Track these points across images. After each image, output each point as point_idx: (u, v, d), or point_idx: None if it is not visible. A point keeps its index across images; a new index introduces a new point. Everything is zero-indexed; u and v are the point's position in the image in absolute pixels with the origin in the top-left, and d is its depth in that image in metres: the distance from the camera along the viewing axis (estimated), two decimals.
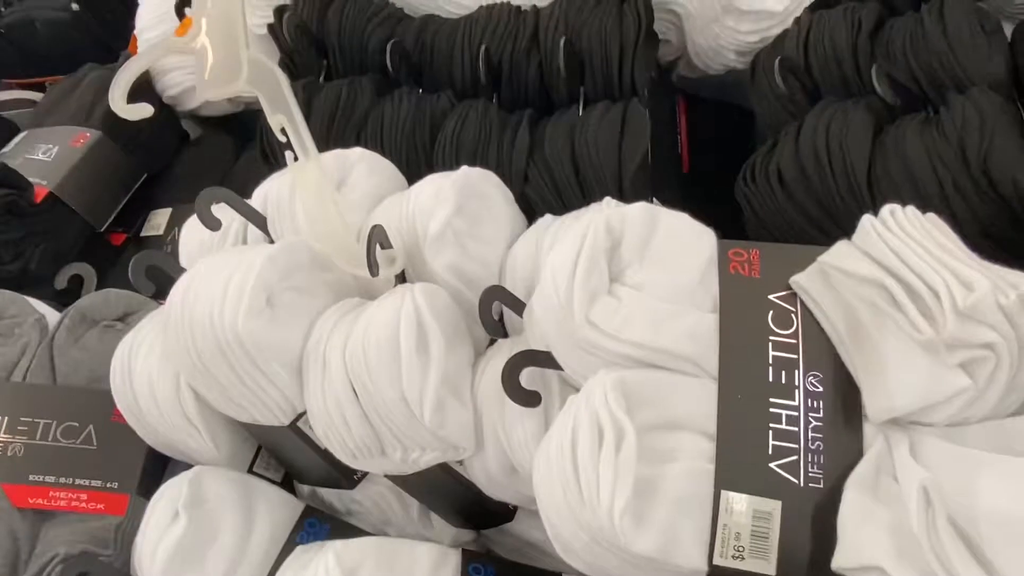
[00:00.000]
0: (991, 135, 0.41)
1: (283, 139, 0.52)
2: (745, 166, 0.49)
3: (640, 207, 0.37)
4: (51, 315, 0.57)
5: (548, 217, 0.44)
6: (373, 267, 0.41)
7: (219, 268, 0.45)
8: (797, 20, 0.51)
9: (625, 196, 0.48)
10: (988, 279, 0.32)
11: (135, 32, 0.75)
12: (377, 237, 0.42)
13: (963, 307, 0.32)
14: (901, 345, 0.33)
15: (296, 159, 0.53)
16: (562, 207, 0.49)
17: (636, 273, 0.36)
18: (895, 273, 0.34)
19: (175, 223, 0.70)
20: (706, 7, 0.55)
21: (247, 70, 0.53)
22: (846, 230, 0.45)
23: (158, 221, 0.71)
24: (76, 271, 0.59)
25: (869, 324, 0.35)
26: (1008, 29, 0.53)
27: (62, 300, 0.60)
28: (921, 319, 0.32)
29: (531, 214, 0.46)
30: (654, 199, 0.53)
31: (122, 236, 0.72)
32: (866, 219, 0.37)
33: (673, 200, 0.57)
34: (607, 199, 0.41)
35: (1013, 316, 0.32)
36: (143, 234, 0.71)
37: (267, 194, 0.51)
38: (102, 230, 0.69)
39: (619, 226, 0.36)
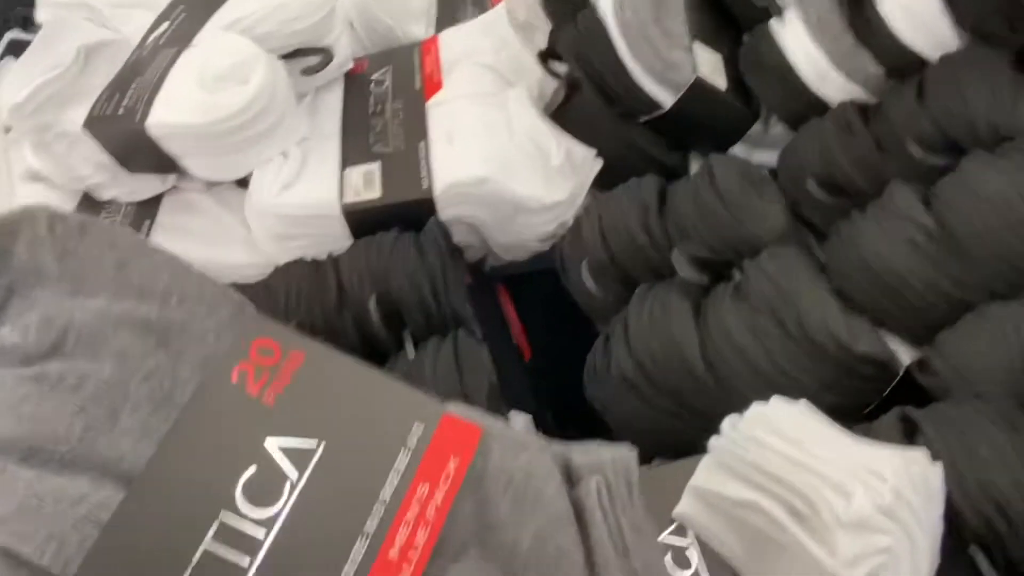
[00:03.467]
0: (795, 299, 0.43)
1: None
2: (587, 369, 0.49)
3: None
4: None
5: None
6: None
7: None
8: (586, 210, 0.53)
9: None
10: (859, 480, 0.33)
11: None
12: None
13: (846, 520, 0.32)
14: (803, 570, 0.33)
15: None
16: None
17: None
18: (766, 489, 0.34)
19: None
20: (497, 213, 0.55)
21: None
22: (699, 415, 0.46)
23: None
24: None
25: (767, 548, 0.35)
26: (769, 157, 0.57)
27: None
28: (814, 546, 0.32)
29: None
30: (508, 413, 0.52)
31: None
32: (713, 441, 0.37)
33: (526, 402, 0.56)
34: None
35: (895, 513, 0.32)
36: None
37: None
38: None
39: None
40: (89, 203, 0.64)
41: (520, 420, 0.53)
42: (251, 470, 0.22)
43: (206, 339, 0.24)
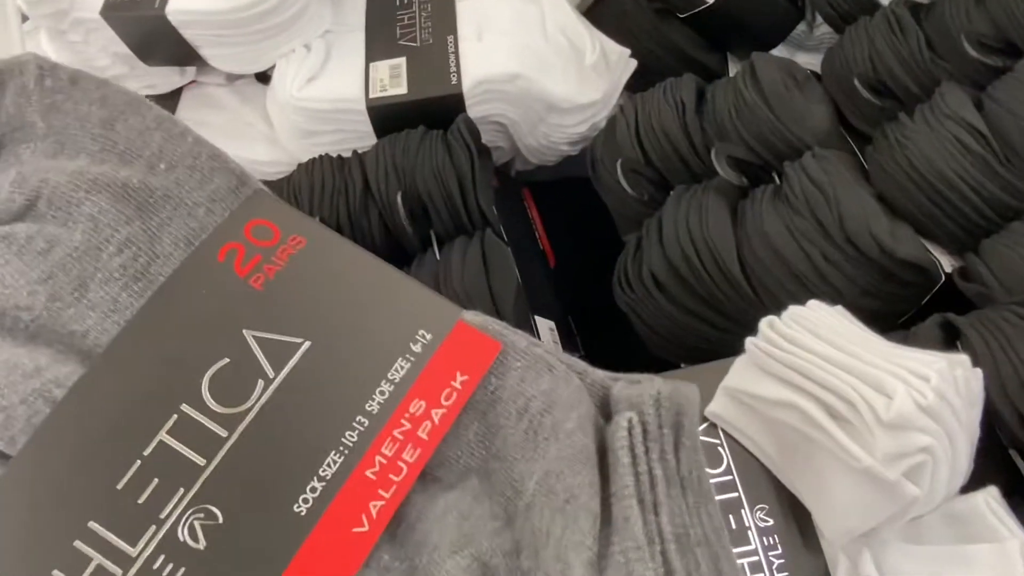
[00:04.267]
0: (837, 202, 0.41)
1: None
2: (616, 272, 0.48)
3: None
4: None
5: None
6: None
7: None
8: (621, 108, 0.51)
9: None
10: (900, 381, 0.32)
11: None
12: None
13: (887, 420, 0.31)
14: (840, 467, 0.33)
15: None
16: None
17: None
18: (804, 390, 0.34)
19: None
20: (528, 112, 0.53)
21: None
22: (733, 320, 0.45)
23: None
24: None
25: (799, 447, 0.34)
26: (810, 60, 0.54)
27: None
28: (852, 444, 0.32)
29: None
30: (535, 318, 0.51)
31: None
32: (749, 341, 0.36)
33: (551, 308, 0.55)
34: None
35: (936, 413, 0.32)
36: None
37: None
38: None
39: None
40: None
41: (544, 326, 0.52)
42: (224, 361, 0.20)
43: (195, 212, 0.22)
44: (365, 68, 0.54)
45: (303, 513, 0.19)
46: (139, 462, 0.19)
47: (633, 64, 0.54)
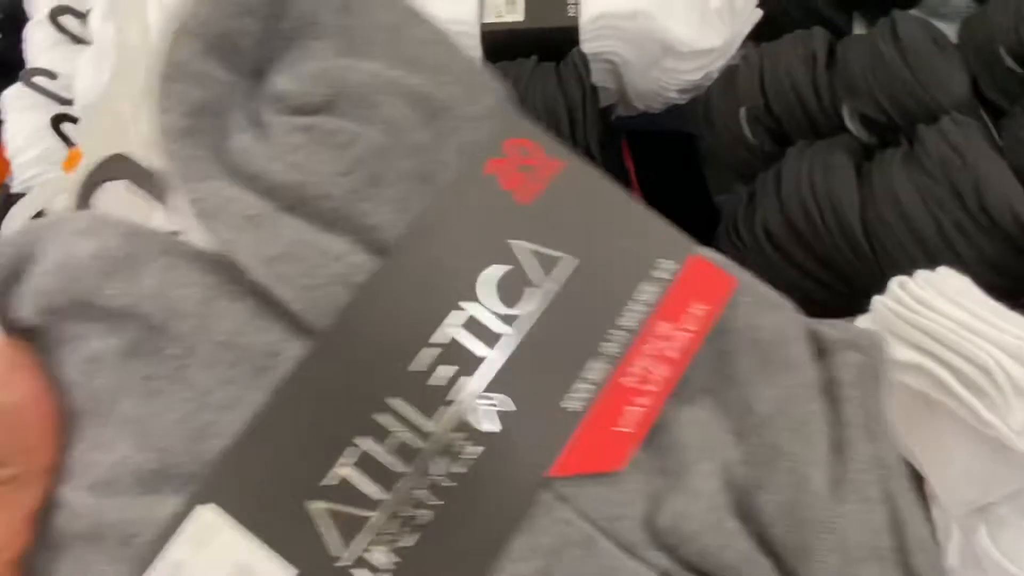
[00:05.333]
0: (975, 169, 0.40)
1: None
2: (725, 222, 0.47)
3: None
4: None
5: None
6: None
7: None
8: (745, 58, 0.49)
9: None
10: None
11: (7, 156, 0.67)
12: None
13: None
14: (965, 434, 0.32)
15: None
16: None
17: None
18: (934, 354, 0.33)
19: None
20: (644, 53, 0.52)
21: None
22: (845, 280, 0.43)
23: None
24: None
25: (921, 411, 0.33)
26: (945, 28, 0.52)
27: None
28: (985, 411, 0.31)
29: None
30: None
31: None
32: (877, 300, 0.35)
33: None
34: None
35: None
36: None
37: None
38: None
39: None
40: None
41: None
42: (494, 266, 0.21)
43: (468, 126, 0.22)
44: None
45: (571, 408, 0.20)
46: (428, 349, 0.20)
47: (758, 14, 0.52)
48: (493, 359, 0.20)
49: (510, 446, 0.20)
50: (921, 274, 0.36)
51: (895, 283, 0.35)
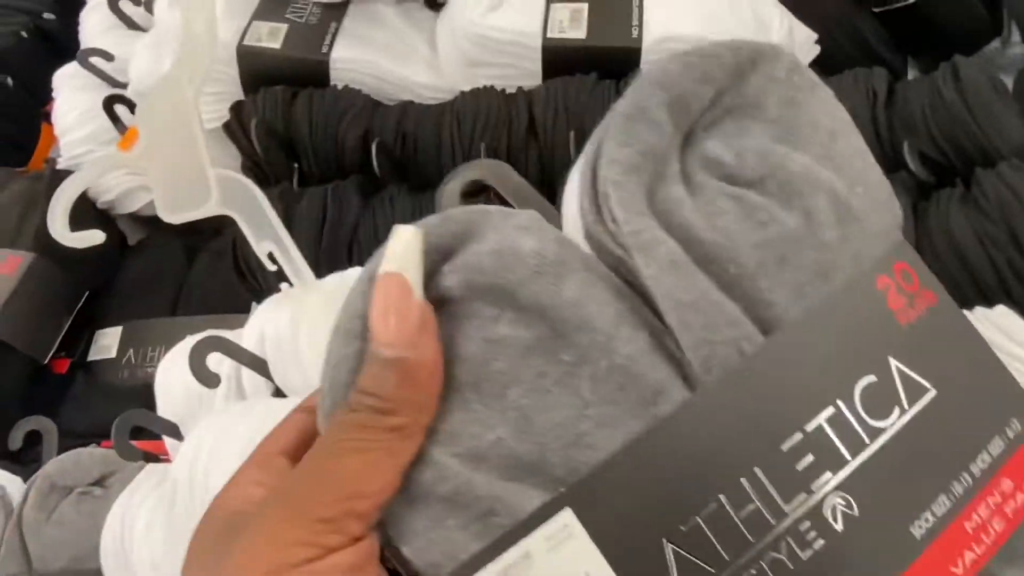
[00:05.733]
0: None
1: (272, 266, 0.47)
2: None
3: None
4: (11, 483, 0.49)
5: None
6: None
7: (230, 435, 0.40)
8: None
9: None
10: None
11: (55, 132, 0.67)
12: None
13: None
14: None
15: (290, 285, 0.48)
16: None
17: None
18: None
19: (128, 343, 0.63)
20: None
21: (217, 191, 0.48)
22: None
23: (107, 342, 0.64)
24: (33, 426, 0.52)
25: None
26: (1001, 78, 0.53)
27: (18, 461, 0.52)
28: None
29: None
30: None
31: (66, 362, 0.64)
32: None
33: None
34: None
35: None
36: (91, 358, 0.64)
37: (263, 332, 0.46)
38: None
39: None
40: None
41: None
42: (871, 378, 0.22)
43: (868, 237, 0.23)
44: (546, 7, 0.54)
45: (917, 536, 0.21)
46: (799, 435, 0.21)
47: (816, 50, 0.53)
48: (854, 464, 0.21)
49: (852, 549, 0.20)
50: (980, 311, 0.36)
51: None
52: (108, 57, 0.66)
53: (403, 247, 0.21)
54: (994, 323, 0.35)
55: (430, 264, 0.22)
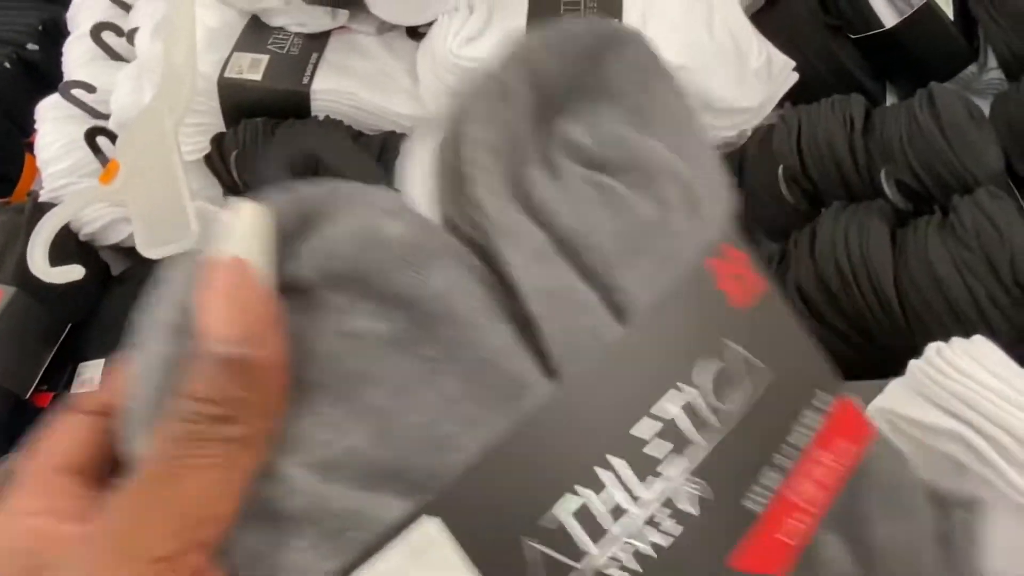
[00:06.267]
0: (1011, 243, 0.40)
1: None
2: None
3: None
4: None
5: None
6: None
7: None
8: (783, 118, 0.50)
9: None
10: None
11: (37, 164, 0.67)
12: None
13: None
14: (998, 503, 0.32)
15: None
16: None
17: None
18: (970, 422, 0.33)
19: None
20: None
21: (196, 224, 0.47)
22: (874, 341, 0.44)
23: (89, 375, 0.64)
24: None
25: (952, 478, 0.33)
26: (979, 105, 0.53)
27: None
28: (1019, 479, 0.31)
29: None
30: None
31: (48, 396, 0.64)
32: (914, 365, 0.35)
33: None
34: None
35: None
36: (74, 391, 0.63)
37: None
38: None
39: None
40: (257, 27, 0.63)
41: None
42: (712, 359, 0.22)
43: (706, 223, 0.23)
44: None
45: (750, 508, 0.21)
46: (647, 418, 0.20)
47: (794, 77, 0.54)
48: (701, 446, 0.21)
49: (703, 531, 0.20)
50: (957, 341, 0.36)
51: (932, 349, 0.35)
52: (90, 89, 0.66)
53: (246, 226, 0.19)
54: (971, 354, 0.35)
55: (275, 247, 0.20)
